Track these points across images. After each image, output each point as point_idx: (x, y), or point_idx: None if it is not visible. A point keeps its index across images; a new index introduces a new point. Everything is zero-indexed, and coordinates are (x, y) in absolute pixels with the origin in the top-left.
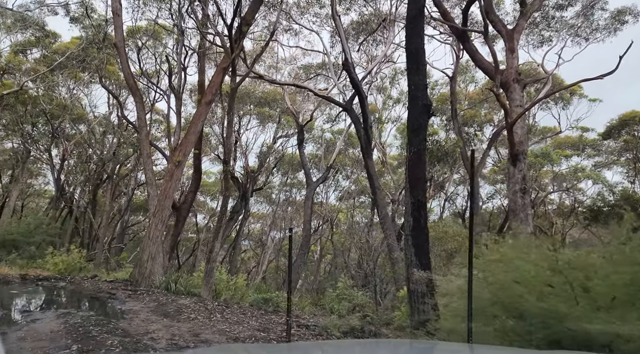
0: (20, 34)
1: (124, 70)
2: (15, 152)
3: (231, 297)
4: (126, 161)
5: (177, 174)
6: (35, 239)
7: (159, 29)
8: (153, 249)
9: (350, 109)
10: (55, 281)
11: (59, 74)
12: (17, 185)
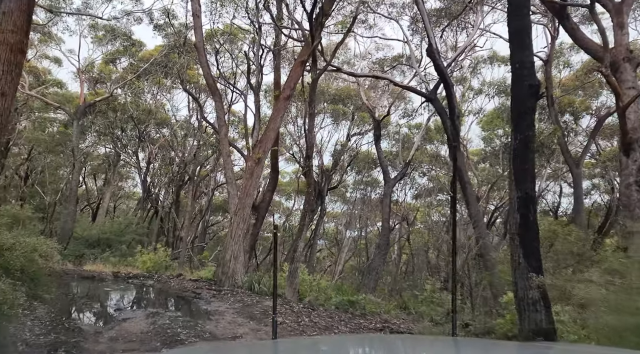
0: (110, 44)
1: (203, 71)
2: (107, 156)
3: (315, 298)
4: (206, 162)
5: (257, 172)
6: (125, 238)
7: (236, 30)
8: (235, 248)
9: (434, 99)
10: (144, 279)
11: (144, 80)
12: (109, 187)
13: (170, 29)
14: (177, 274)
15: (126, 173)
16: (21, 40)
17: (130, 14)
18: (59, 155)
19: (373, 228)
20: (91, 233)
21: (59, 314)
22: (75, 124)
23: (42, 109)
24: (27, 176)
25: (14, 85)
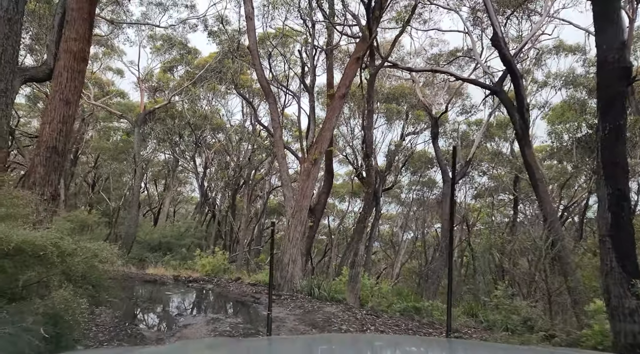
0: (167, 53)
1: (257, 73)
2: (167, 162)
3: (377, 304)
4: (260, 166)
5: (313, 173)
6: (185, 242)
7: (288, 32)
8: (293, 252)
9: (500, 91)
10: (204, 283)
11: (199, 87)
12: (169, 193)
13: (223, 35)
14: (235, 278)
15: (184, 178)
16: (83, 48)
17: (185, 22)
18: (122, 162)
19: (430, 230)
20: (153, 237)
21: (122, 320)
22: (136, 131)
23: (106, 118)
24: (94, 183)
25: (77, 93)
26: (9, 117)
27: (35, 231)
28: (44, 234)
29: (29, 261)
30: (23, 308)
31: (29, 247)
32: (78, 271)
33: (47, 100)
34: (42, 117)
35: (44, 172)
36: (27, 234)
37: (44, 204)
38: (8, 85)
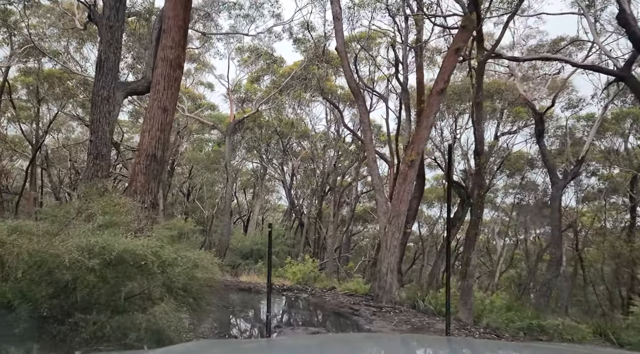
0: (254, 64)
1: (346, 75)
2: (254, 171)
3: (493, 320)
4: (347, 172)
5: (410, 176)
6: (275, 249)
7: (374, 33)
8: (391, 261)
9: (628, 77)
10: (298, 292)
11: (285, 95)
12: (258, 200)
13: (308, 42)
14: (330, 287)
15: (272, 186)
16: (179, 55)
17: (271, 31)
18: (213, 172)
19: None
20: (244, 244)
21: (221, 332)
22: (227, 141)
23: (199, 130)
24: (189, 192)
25: (174, 100)
26: (112, 124)
27: (136, 239)
28: (144, 243)
29: (130, 272)
30: (126, 322)
31: (130, 256)
32: (179, 283)
33: (146, 109)
34: (142, 125)
35: (144, 181)
36: (128, 242)
37: (145, 212)
38: (110, 92)
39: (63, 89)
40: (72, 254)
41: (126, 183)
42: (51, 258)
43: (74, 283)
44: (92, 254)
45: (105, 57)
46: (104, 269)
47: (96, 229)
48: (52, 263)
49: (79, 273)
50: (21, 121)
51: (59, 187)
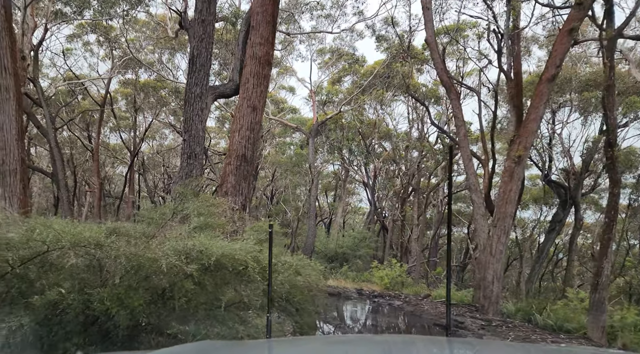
0: (334, 67)
1: (436, 66)
2: (336, 173)
3: (632, 341)
4: (434, 172)
5: (518, 173)
6: (360, 253)
7: (462, 25)
8: (497, 268)
9: None
10: (390, 298)
11: (367, 95)
12: (340, 203)
13: (392, 38)
14: (424, 295)
15: (352, 189)
16: (268, 52)
17: (353, 30)
18: (295, 175)
19: None
20: (329, 247)
21: None
22: (310, 142)
23: (281, 134)
24: (272, 195)
25: (263, 99)
26: (204, 122)
27: (234, 242)
28: (242, 246)
29: (229, 278)
30: (226, 336)
31: (229, 261)
32: (281, 292)
33: (236, 108)
34: (231, 125)
35: (234, 181)
36: (226, 246)
37: (237, 214)
38: (203, 89)
39: (157, 98)
40: (169, 258)
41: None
42: (148, 262)
43: (171, 290)
44: (189, 258)
45: (197, 52)
46: (202, 275)
47: (192, 232)
48: (149, 268)
49: (175, 279)
50: (121, 130)
51: (154, 191)
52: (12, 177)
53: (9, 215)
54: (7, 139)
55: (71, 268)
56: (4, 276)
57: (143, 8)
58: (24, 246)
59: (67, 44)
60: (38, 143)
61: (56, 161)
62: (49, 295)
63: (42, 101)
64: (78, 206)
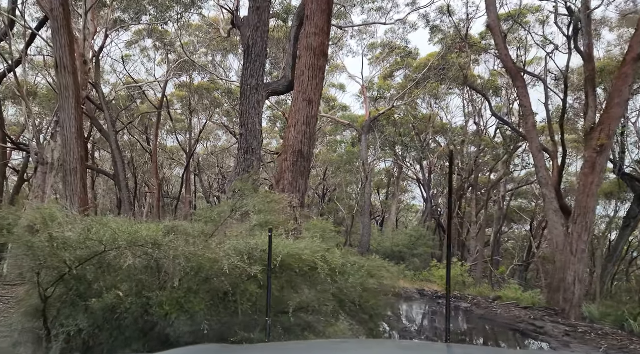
0: (386, 61)
1: (500, 53)
2: (388, 170)
3: None
4: (493, 167)
5: (600, 164)
6: (418, 251)
7: (524, 10)
8: (579, 268)
9: None
10: (455, 300)
11: (421, 88)
12: (394, 200)
13: (447, 28)
14: (494, 298)
15: (404, 186)
16: (323, 42)
17: (405, 22)
18: (347, 173)
19: None
20: (384, 246)
21: None
22: (363, 139)
23: (332, 132)
24: (324, 194)
25: (319, 91)
26: (260, 115)
27: (299, 242)
28: (308, 245)
29: (295, 281)
30: None
31: (295, 262)
32: (352, 296)
33: (292, 103)
34: (287, 120)
35: (291, 178)
36: (291, 245)
37: (298, 211)
38: (259, 81)
39: (211, 99)
40: (231, 258)
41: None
42: (209, 263)
43: (233, 293)
44: (252, 259)
45: (252, 42)
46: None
47: (253, 230)
48: (209, 269)
49: (238, 282)
50: (177, 132)
51: (209, 192)
52: (73, 176)
53: (69, 214)
54: (68, 138)
55: (129, 269)
56: (62, 277)
57: (196, 10)
58: (81, 246)
59: (126, 51)
60: (101, 147)
61: (117, 163)
62: (106, 298)
63: (104, 105)
64: (139, 206)
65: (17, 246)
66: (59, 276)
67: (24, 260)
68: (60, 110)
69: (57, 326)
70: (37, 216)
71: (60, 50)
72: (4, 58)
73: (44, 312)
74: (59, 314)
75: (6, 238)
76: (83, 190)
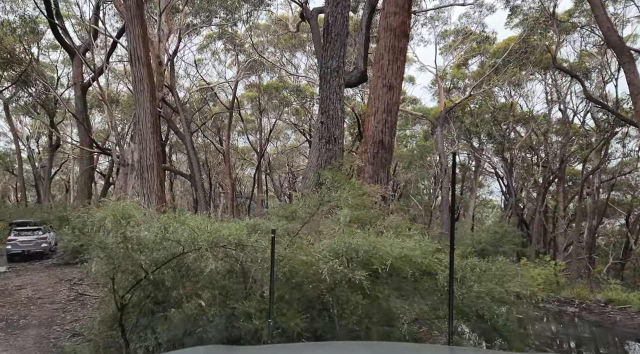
0: (459, 49)
1: (601, 26)
2: (462, 164)
3: None
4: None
5: None
6: (503, 249)
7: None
8: None
9: None
10: (559, 304)
11: (502, 74)
12: (472, 195)
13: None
14: (605, 300)
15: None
16: (404, 21)
17: (482, 4)
18: (419, 168)
19: None
20: (464, 243)
21: None
22: (438, 131)
23: (402, 126)
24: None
25: (400, 76)
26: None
27: (403, 241)
28: (417, 246)
29: (404, 288)
30: None
31: (406, 265)
32: (475, 307)
33: (370, 90)
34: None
35: (372, 171)
36: (399, 245)
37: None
38: (340, 62)
39: (279, 98)
40: (328, 262)
41: None
42: (303, 267)
43: (333, 303)
44: (353, 262)
45: (332, 20)
46: (372, 284)
47: (346, 227)
48: (304, 274)
49: (337, 289)
50: (248, 132)
51: (280, 190)
52: (150, 172)
53: (145, 212)
54: (144, 133)
55: (210, 273)
56: (139, 283)
57: (264, 7)
58: (158, 247)
59: (198, 55)
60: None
61: (193, 163)
62: (187, 308)
63: (180, 107)
64: (213, 206)
65: (91, 247)
66: (135, 281)
67: (98, 263)
68: (135, 104)
69: (135, 338)
70: (109, 214)
71: (134, 41)
72: (89, 67)
73: (121, 321)
74: (137, 324)
75: (79, 238)
76: (160, 187)
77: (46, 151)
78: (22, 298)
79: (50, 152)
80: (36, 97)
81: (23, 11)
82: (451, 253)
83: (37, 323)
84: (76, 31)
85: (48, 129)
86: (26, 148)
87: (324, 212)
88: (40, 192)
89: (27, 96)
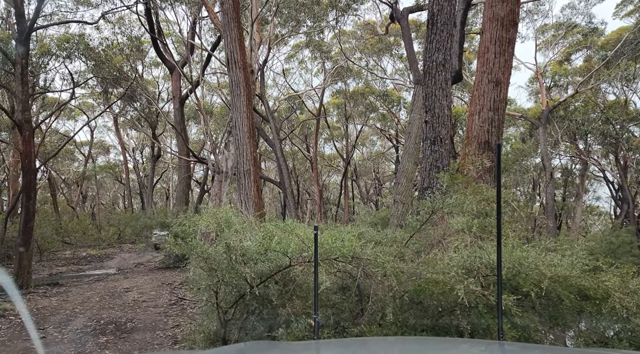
0: (560, 44)
1: None
2: (566, 168)
3: None
4: None
5: None
6: (620, 261)
7: None
8: None
9: None
10: None
11: (614, 68)
12: (579, 202)
13: None
14: None
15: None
16: (512, 9)
17: None
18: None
19: None
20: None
21: None
22: (541, 131)
23: None
24: None
25: (507, 70)
26: (449, 97)
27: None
28: (572, 261)
29: (566, 317)
30: None
31: (562, 288)
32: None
33: (474, 86)
34: (469, 106)
35: (476, 175)
36: (552, 262)
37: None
38: (447, 55)
39: (365, 104)
40: (463, 280)
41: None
42: (431, 287)
43: (471, 332)
44: (487, 280)
45: (437, 8)
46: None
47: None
48: (432, 295)
49: (472, 315)
50: (334, 139)
51: (366, 197)
52: (247, 178)
53: (245, 220)
54: (240, 138)
55: (323, 290)
56: (242, 297)
57: (352, 12)
58: (262, 258)
59: (286, 65)
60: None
61: (283, 170)
62: (296, 329)
63: (269, 115)
64: (301, 213)
65: (193, 257)
66: (239, 295)
67: (200, 275)
68: (232, 108)
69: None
70: (212, 220)
71: (230, 44)
72: (187, 80)
73: (224, 340)
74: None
75: (181, 248)
76: (257, 194)
77: (149, 161)
78: (129, 301)
79: (152, 162)
80: (140, 111)
81: (130, 31)
82: (498, 246)
83: (142, 327)
84: (175, 47)
85: (151, 140)
86: (132, 159)
87: (442, 220)
88: (144, 200)
89: (132, 110)
